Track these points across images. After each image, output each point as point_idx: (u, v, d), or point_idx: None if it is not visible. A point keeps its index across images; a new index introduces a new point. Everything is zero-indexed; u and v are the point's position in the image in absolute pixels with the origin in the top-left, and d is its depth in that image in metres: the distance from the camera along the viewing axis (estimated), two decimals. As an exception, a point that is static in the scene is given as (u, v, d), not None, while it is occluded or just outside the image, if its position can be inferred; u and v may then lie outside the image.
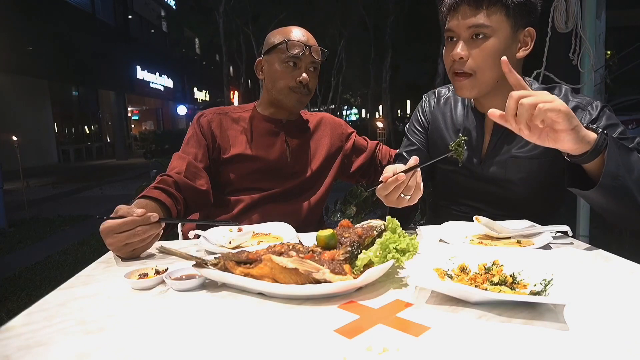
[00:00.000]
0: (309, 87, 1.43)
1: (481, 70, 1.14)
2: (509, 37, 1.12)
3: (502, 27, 1.11)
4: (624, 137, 1.10)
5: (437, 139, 1.38)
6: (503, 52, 1.11)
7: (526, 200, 1.25)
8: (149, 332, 0.63)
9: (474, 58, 1.13)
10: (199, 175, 1.37)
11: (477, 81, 1.16)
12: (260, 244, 1.05)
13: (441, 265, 0.80)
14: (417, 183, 1.03)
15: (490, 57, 1.12)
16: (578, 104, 1.19)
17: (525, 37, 1.15)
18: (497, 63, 1.11)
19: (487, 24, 1.11)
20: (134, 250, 1.00)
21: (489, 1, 1.10)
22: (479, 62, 1.13)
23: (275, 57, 1.42)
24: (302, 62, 1.41)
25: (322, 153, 1.56)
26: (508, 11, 1.10)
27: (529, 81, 1.29)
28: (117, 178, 10.84)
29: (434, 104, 1.42)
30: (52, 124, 16.28)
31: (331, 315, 0.67)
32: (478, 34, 1.12)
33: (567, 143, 0.86)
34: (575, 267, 0.86)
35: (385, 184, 1.00)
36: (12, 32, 11.87)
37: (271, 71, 1.44)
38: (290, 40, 1.39)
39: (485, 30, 1.11)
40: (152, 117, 29.30)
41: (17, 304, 2.97)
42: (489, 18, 1.11)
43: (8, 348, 0.59)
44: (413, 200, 1.05)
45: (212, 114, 1.50)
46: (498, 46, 1.12)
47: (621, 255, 0.89)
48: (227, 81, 15.59)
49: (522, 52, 1.17)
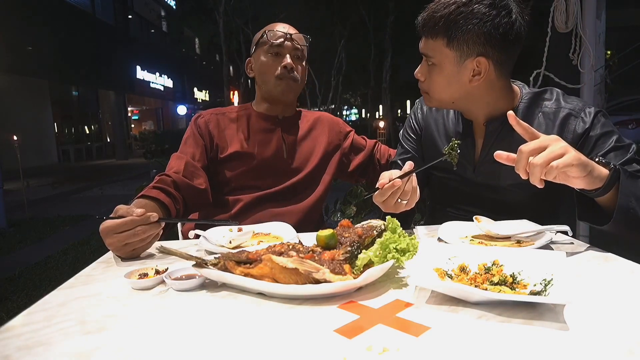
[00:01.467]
0: (295, 74, 1.45)
1: (432, 92, 1.21)
2: (453, 67, 1.14)
3: (443, 58, 1.14)
4: (620, 146, 1.10)
5: (430, 145, 1.38)
6: (449, 78, 1.15)
7: (521, 204, 1.24)
8: (149, 332, 0.63)
9: (427, 81, 1.21)
10: (197, 174, 1.38)
11: (433, 99, 1.23)
12: (260, 244, 1.05)
13: (441, 265, 0.80)
14: (413, 187, 1.04)
15: (436, 82, 1.18)
16: (570, 111, 1.18)
17: (477, 67, 1.13)
18: (445, 89, 1.18)
19: (430, 54, 1.16)
20: (134, 250, 1.00)
21: (432, 32, 1.13)
22: (429, 84, 1.20)
23: (260, 51, 1.47)
24: (284, 50, 1.44)
25: (320, 151, 1.56)
26: (450, 42, 1.11)
27: (519, 85, 1.28)
28: (117, 178, 10.84)
29: (427, 110, 1.42)
30: (52, 124, 16.28)
31: (331, 315, 0.67)
32: (428, 60, 1.18)
33: (580, 184, 0.87)
34: (575, 267, 0.86)
35: (382, 190, 1.00)
36: (12, 32, 11.87)
37: (258, 65, 1.48)
38: (270, 30, 1.44)
39: (430, 59, 1.16)
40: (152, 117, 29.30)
41: (17, 304, 2.97)
42: (431, 48, 1.15)
43: (8, 348, 0.59)
44: (410, 205, 1.06)
45: (209, 115, 1.51)
46: (443, 75, 1.16)
47: (621, 255, 0.90)
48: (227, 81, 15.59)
49: (475, 82, 1.14)
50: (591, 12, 2.25)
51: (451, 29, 1.09)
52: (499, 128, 1.22)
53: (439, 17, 1.10)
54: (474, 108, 1.22)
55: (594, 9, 2.26)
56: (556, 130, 1.17)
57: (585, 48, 2.24)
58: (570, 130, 1.16)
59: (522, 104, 1.23)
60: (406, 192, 1.02)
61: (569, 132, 1.15)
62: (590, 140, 1.13)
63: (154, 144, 16.37)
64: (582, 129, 1.14)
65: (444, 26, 1.10)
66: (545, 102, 1.22)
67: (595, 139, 1.12)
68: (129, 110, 24.28)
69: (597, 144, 1.12)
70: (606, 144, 1.11)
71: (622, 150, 1.09)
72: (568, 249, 0.97)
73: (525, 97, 1.23)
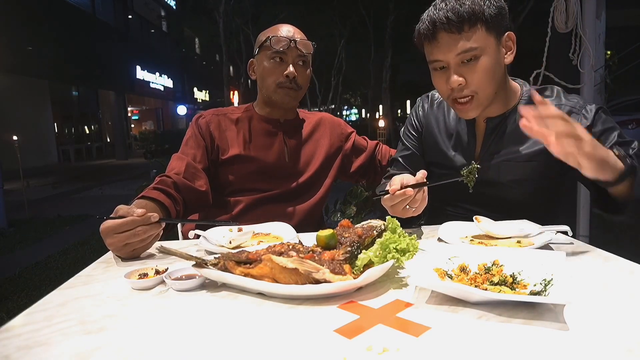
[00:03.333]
0: (297, 82, 1.43)
1: (482, 90, 1.14)
2: (496, 49, 1.12)
3: (488, 43, 1.11)
4: (622, 141, 1.10)
5: (431, 143, 1.38)
6: (495, 65, 1.12)
7: (521, 202, 1.25)
8: (149, 332, 0.63)
9: (472, 81, 1.12)
10: (198, 175, 1.37)
11: (479, 101, 1.15)
12: (260, 244, 1.05)
13: (441, 265, 0.80)
14: (423, 196, 1.05)
15: (486, 76, 1.12)
16: (572, 108, 1.18)
17: (507, 42, 1.15)
18: (493, 77, 1.13)
19: (475, 46, 1.09)
20: (134, 251, 1.00)
21: (469, 23, 1.08)
22: (478, 83, 1.12)
23: (263, 55, 1.44)
24: (288, 57, 1.41)
25: (322, 153, 1.55)
26: (488, 25, 1.09)
27: (520, 82, 1.29)
28: (117, 178, 10.84)
29: (428, 108, 1.42)
30: (52, 124, 16.28)
31: (331, 315, 0.67)
32: (468, 58, 1.10)
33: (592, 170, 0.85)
34: (575, 267, 0.86)
35: (393, 196, 1.01)
36: (12, 32, 11.87)
37: (260, 69, 1.45)
38: (274, 36, 1.40)
39: (475, 52, 1.09)
40: (152, 117, 29.28)
41: (17, 304, 2.97)
42: (474, 39, 1.09)
43: (8, 348, 0.59)
44: (417, 212, 1.07)
45: (210, 115, 1.50)
46: (490, 62, 1.12)
47: (621, 255, 0.89)
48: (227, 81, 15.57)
49: (510, 57, 1.17)
50: (591, 12, 2.25)
51: (484, 12, 1.08)
52: (499, 125, 1.22)
53: (469, 6, 1.08)
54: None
55: (594, 9, 2.26)
56: None
57: (585, 48, 2.24)
58: None
59: (523, 100, 1.23)
60: (415, 200, 1.03)
61: None
62: (593, 136, 1.13)
63: (154, 144, 16.36)
64: (584, 126, 1.15)
65: (479, 12, 1.08)
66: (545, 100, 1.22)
67: (598, 135, 1.13)
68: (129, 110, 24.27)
69: (599, 140, 1.12)
70: (609, 139, 1.12)
71: (625, 146, 1.09)
72: (568, 249, 0.97)
73: (525, 94, 1.24)
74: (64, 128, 18.13)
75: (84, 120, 19.86)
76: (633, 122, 8.17)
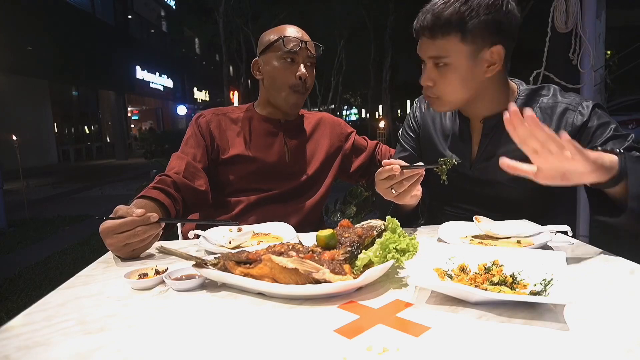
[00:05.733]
0: (306, 85, 1.44)
1: (446, 96, 1.17)
2: (469, 60, 1.11)
3: (459, 54, 1.10)
4: (618, 135, 1.10)
5: (427, 144, 1.39)
6: (465, 75, 1.13)
7: (521, 202, 1.24)
8: (149, 332, 0.63)
9: (438, 85, 1.16)
10: (198, 175, 1.37)
11: (444, 102, 1.20)
12: (260, 244, 1.05)
13: (441, 265, 0.80)
14: (410, 189, 1.06)
15: (451, 84, 1.14)
16: (568, 105, 1.19)
17: (491, 56, 1.12)
18: (463, 86, 1.14)
19: (443, 55, 1.11)
20: (134, 251, 1.00)
21: (442, 30, 1.09)
22: (442, 88, 1.16)
23: (272, 55, 1.42)
24: (299, 57, 1.41)
25: (322, 153, 1.56)
26: (464, 36, 1.09)
27: (517, 82, 1.29)
28: (117, 178, 10.84)
29: (424, 109, 1.42)
30: (52, 124, 16.29)
31: (331, 315, 0.67)
32: (438, 63, 1.13)
33: (590, 178, 0.83)
34: (575, 267, 0.86)
35: (382, 168, 1.05)
36: (12, 32, 11.87)
37: (269, 69, 1.44)
38: (286, 36, 1.40)
39: (444, 60, 1.12)
40: (152, 117, 29.29)
41: (17, 304, 2.97)
42: (444, 47, 1.10)
43: (8, 348, 0.59)
44: (401, 200, 1.08)
45: (210, 115, 1.50)
46: (458, 72, 1.12)
47: (621, 255, 0.89)
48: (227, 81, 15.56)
49: (490, 72, 1.14)
50: (591, 12, 2.25)
51: (464, 22, 1.07)
52: (496, 125, 1.22)
53: (448, 13, 1.08)
54: (479, 104, 1.22)
55: (594, 9, 2.26)
56: (554, 124, 1.18)
57: (585, 48, 2.24)
58: (568, 123, 1.17)
59: (520, 100, 1.24)
60: (402, 184, 1.05)
61: (567, 126, 1.16)
62: (589, 131, 1.14)
63: (154, 144, 16.36)
64: (581, 122, 1.15)
65: (456, 21, 1.07)
66: (542, 98, 1.23)
67: (594, 130, 1.13)
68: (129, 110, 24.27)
69: (595, 135, 1.13)
70: (604, 134, 1.12)
71: (621, 139, 1.09)
72: (568, 249, 0.97)
73: (522, 93, 1.25)
74: (64, 128, 18.11)
75: (84, 120, 19.85)
76: (633, 122, 8.18)
